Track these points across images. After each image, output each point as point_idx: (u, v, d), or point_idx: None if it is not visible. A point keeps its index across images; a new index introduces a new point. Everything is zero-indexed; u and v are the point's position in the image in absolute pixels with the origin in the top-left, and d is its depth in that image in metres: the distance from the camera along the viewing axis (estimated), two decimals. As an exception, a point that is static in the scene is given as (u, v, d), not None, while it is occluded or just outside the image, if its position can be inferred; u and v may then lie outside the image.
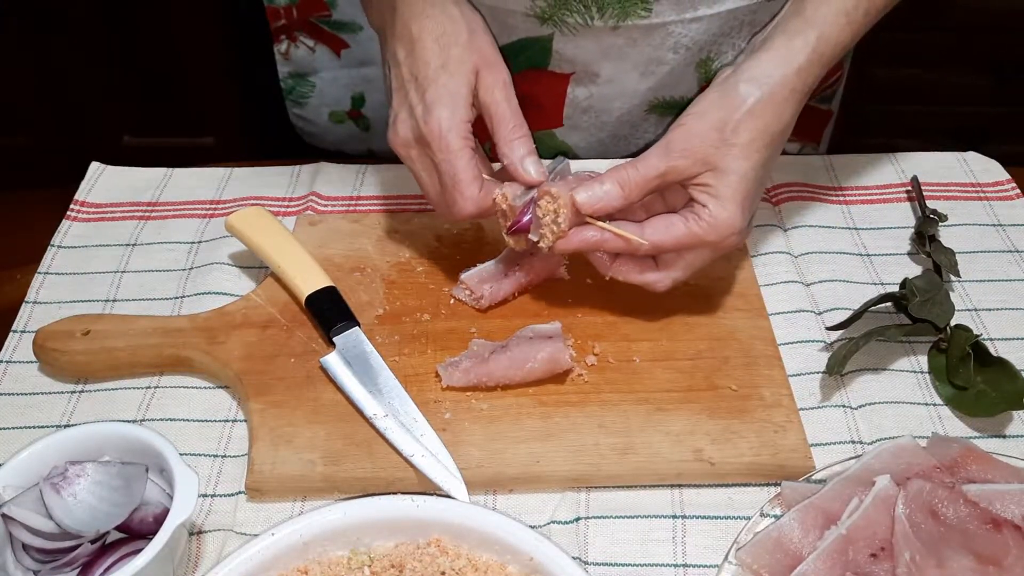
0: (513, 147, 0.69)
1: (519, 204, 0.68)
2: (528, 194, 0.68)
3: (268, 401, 0.68)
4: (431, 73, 0.68)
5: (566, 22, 0.82)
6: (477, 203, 0.68)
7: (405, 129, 0.70)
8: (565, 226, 0.66)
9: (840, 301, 0.77)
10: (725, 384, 0.68)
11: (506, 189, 0.68)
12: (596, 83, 0.88)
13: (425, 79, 0.68)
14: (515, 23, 0.84)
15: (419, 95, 0.68)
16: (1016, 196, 0.87)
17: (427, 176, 0.71)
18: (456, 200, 0.68)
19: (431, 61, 0.69)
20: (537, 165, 0.69)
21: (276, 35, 1.36)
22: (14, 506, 0.56)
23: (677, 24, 0.82)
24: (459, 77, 0.68)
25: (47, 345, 0.71)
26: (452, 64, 0.68)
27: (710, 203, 0.65)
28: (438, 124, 0.67)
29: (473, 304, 0.75)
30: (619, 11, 0.80)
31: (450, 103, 0.67)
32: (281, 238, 0.77)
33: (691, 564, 0.60)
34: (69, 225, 0.87)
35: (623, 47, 0.84)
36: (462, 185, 0.67)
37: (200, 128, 1.90)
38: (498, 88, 0.69)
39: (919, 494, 0.58)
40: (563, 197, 0.66)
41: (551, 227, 0.66)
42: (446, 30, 0.69)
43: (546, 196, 0.66)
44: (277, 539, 0.56)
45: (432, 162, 0.69)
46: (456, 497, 0.61)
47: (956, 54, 1.82)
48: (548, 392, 0.68)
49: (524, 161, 0.69)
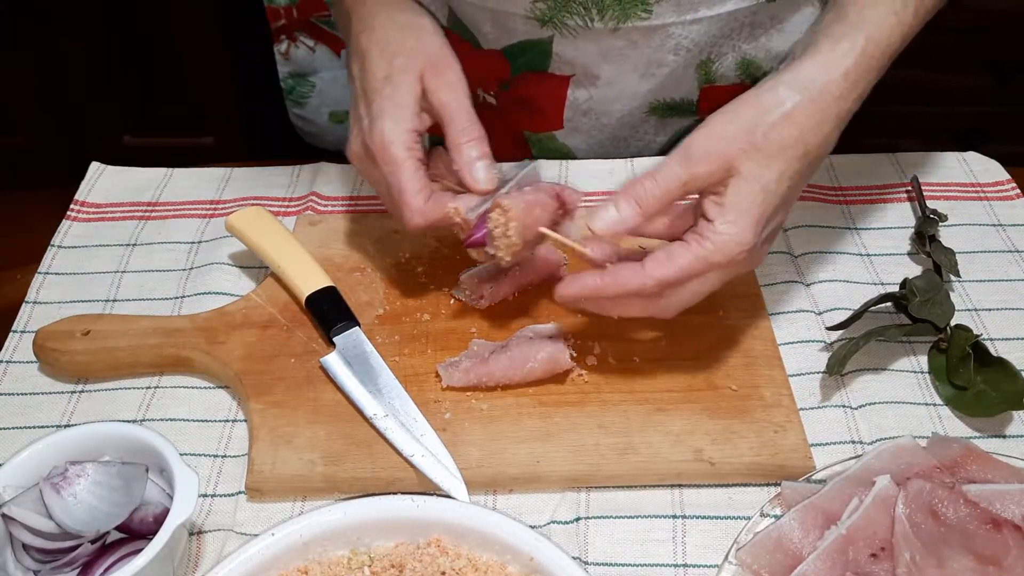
0: (462, 151, 0.67)
1: (472, 217, 0.66)
2: (483, 206, 0.66)
3: (268, 401, 0.68)
4: (377, 85, 0.67)
5: (566, 24, 0.82)
6: (424, 215, 0.66)
7: (356, 143, 0.69)
8: (517, 239, 0.64)
9: (840, 301, 0.77)
10: (725, 384, 0.68)
11: (459, 202, 0.66)
12: (596, 85, 0.88)
13: (372, 91, 0.68)
14: (515, 26, 0.84)
15: (366, 108, 0.68)
16: (1016, 196, 0.87)
17: (381, 189, 0.70)
18: (403, 213, 0.66)
19: (377, 73, 0.68)
20: (487, 171, 0.67)
21: (276, 35, 1.36)
22: (14, 506, 0.56)
23: (677, 26, 0.82)
24: (403, 87, 0.67)
25: (47, 345, 0.71)
26: (396, 74, 0.67)
27: (717, 217, 0.59)
28: (380, 136, 0.66)
29: (473, 304, 0.75)
30: (619, 13, 0.80)
31: (393, 114, 0.66)
32: (281, 238, 0.77)
33: (691, 564, 0.60)
34: (69, 225, 0.87)
35: (623, 49, 0.84)
36: (406, 196, 0.66)
37: (200, 128, 1.90)
38: (446, 90, 0.67)
39: (919, 494, 0.58)
40: (513, 210, 0.63)
41: (503, 240, 0.64)
42: (391, 39, 0.68)
43: (496, 209, 0.64)
44: (277, 539, 0.56)
45: (381, 176, 0.67)
46: (456, 497, 0.61)
47: (956, 54, 1.82)
48: (548, 392, 0.68)
49: (473, 166, 0.67)
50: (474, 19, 0.86)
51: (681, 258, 0.59)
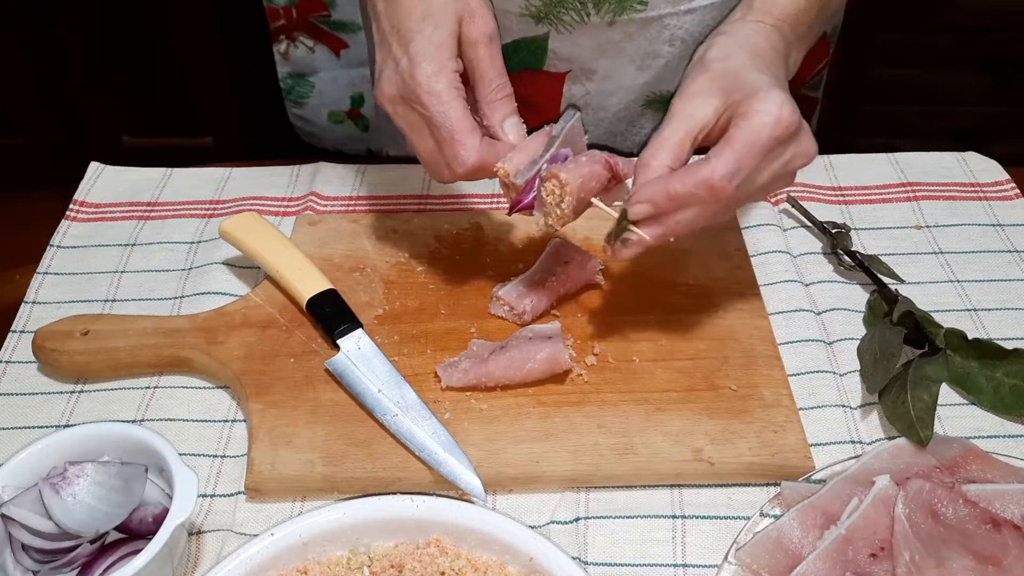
0: (494, 108, 0.66)
1: (521, 182, 0.64)
2: (531, 169, 0.64)
3: (268, 401, 0.68)
4: (414, 24, 0.64)
5: (562, 20, 0.82)
6: (480, 154, 0.64)
7: (391, 86, 0.66)
8: (569, 212, 0.63)
9: (839, 302, 0.77)
10: (725, 384, 0.68)
11: (508, 164, 0.64)
12: (592, 80, 0.88)
13: (408, 31, 0.64)
14: (510, 23, 0.84)
15: (403, 48, 0.65)
16: (1015, 196, 0.87)
17: (417, 134, 0.66)
18: (457, 152, 0.63)
19: (413, 11, 0.65)
20: (517, 128, 0.66)
21: (275, 35, 1.37)
22: (13, 506, 0.56)
23: (672, 16, 0.82)
24: (443, 28, 0.64)
25: (46, 345, 0.71)
26: (436, 13, 0.64)
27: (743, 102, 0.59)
28: (425, 77, 0.63)
29: (514, 320, 0.73)
30: (615, 6, 0.80)
31: (436, 55, 0.63)
32: (277, 242, 0.77)
33: (691, 564, 0.60)
34: (68, 225, 0.86)
35: (619, 42, 0.84)
36: (461, 135, 0.63)
37: (199, 128, 1.90)
38: (482, 43, 0.65)
39: (919, 494, 0.58)
40: (571, 184, 0.62)
41: (555, 210, 0.63)
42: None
43: (553, 179, 0.63)
44: (276, 539, 0.56)
45: (422, 118, 0.65)
46: (474, 493, 0.61)
47: (956, 54, 1.82)
48: (548, 392, 0.68)
49: (504, 123, 0.66)
50: None
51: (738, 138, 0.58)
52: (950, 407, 0.69)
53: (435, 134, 0.64)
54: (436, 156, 0.66)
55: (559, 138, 0.65)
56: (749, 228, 0.83)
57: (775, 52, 0.67)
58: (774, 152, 0.60)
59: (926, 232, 0.84)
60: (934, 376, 0.66)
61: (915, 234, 0.84)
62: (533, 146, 0.66)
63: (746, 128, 0.58)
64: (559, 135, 0.65)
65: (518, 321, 0.73)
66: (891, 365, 0.67)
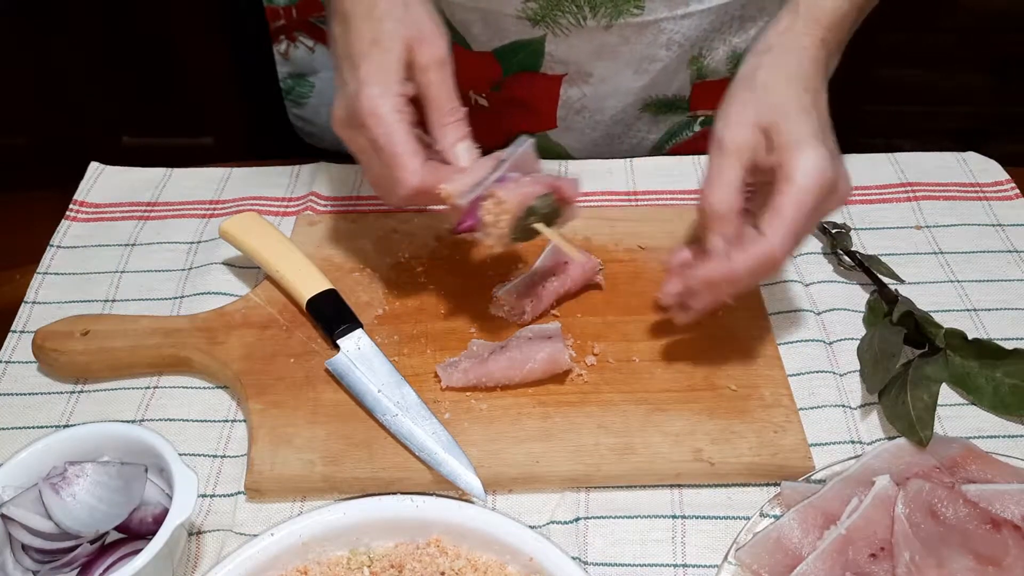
0: (445, 132, 0.66)
1: (464, 203, 0.64)
2: (475, 191, 0.64)
3: (267, 401, 0.68)
4: (364, 48, 0.65)
5: (558, 23, 0.82)
6: (420, 177, 0.63)
7: (340, 109, 0.67)
8: (508, 231, 0.64)
9: (839, 302, 0.77)
10: (725, 384, 0.68)
11: (451, 185, 0.64)
12: (589, 83, 0.88)
13: (358, 55, 0.65)
14: (507, 26, 0.84)
15: (352, 72, 0.65)
16: (1016, 196, 0.87)
17: (365, 157, 0.67)
18: (398, 176, 0.63)
19: (363, 36, 0.65)
20: (469, 152, 0.66)
21: (275, 35, 1.36)
22: (13, 506, 0.56)
23: (669, 20, 0.82)
24: (391, 52, 0.64)
25: (46, 345, 0.71)
26: (384, 39, 0.65)
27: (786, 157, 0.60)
28: (369, 100, 0.63)
29: (514, 320, 0.73)
30: (612, 9, 0.80)
31: (381, 79, 0.64)
32: (277, 242, 0.77)
33: (691, 564, 0.60)
34: (68, 225, 0.86)
35: (616, 46, 0.84)
36: (402, 159, 0.63)
37: (199, 128, 1.90)
38: (432, 69, 0.65)
39: (919, 494, 0.58)
40: (508, 202, 0.62)
41: (494, 230, 0.63)
42: (379, 4, 0.66)
43: (491, 199, 0.63)
44: (276, 539, 0.56)
45: (369, 141, 0.65)
46: (474, 493, 0.61)
47: (956, 54, 1.82)
48: (548, 392, 0.68)
49: (455, 147, 0.66)
50: (464, 21, 0.86)
51: (785, 204, 0.60)
52: (950, 407, 0.69)
53: (380, 157, 0.65)
54: (383, 179, 0.66)
55: (507, 162, 0.65)
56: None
57: (819, 72, 0.65)
58: (819, 203, 0.61)
59: (926, 232, 0.84)
60: (934, 376, 0.67)
61: (915, 234, 0.84)
62: (480, 170, 0.65)
63: (792, 193, 0.59)
64: (508, 159, 0.65)
65: (518, 321, 0.73)
66: (891, 365, 0.67)
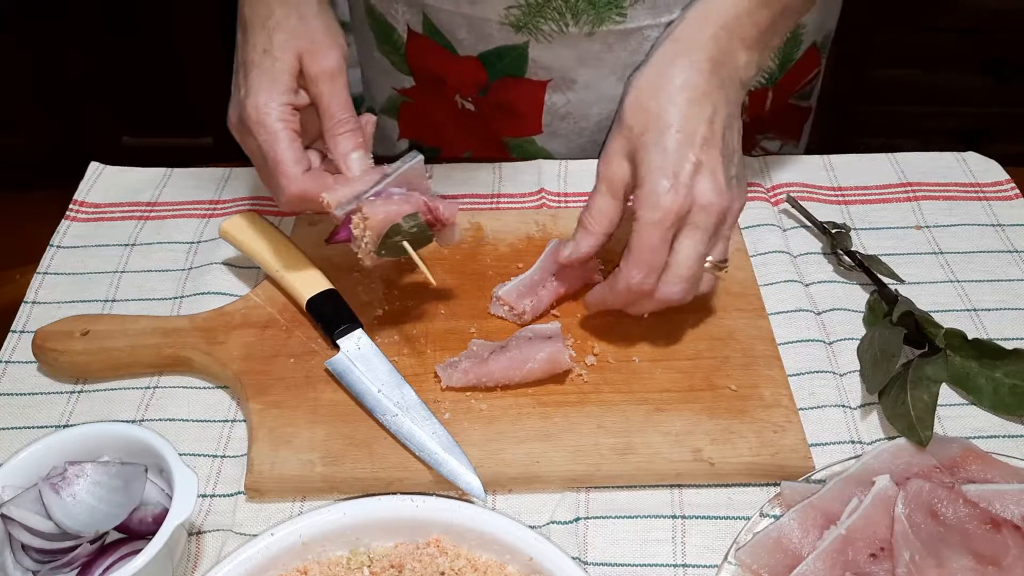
0: (337, 142, 0.68)
1: (341, 214, 0.65)
2: (353, 203, 0.65)
3: (267, 401, 0.68)
4: (256, 57, 0.67)
5: (541, 30, 0.82)
6: (301, 185, 0.66)
7: (233, 114, 0.69)
8: (371, 247, 0.65)
9: (839, 301, 0.77)
10: (725, 384, 0.68)
11: (330, 196, 0.65)
12: (573, 89, 0.88)
13: (250, 63, 0.68)
14: (491, 31, 0.84)
15: (244, 79, 0.68)
16: (1015, 196, 0.87)
17: (256, 160, 0.69)
18: (279, 182, 0.66)
19: (257, 44, 0.68)
20: (360, 161, 0.68)
21: (275, 35, 1.36)
22: (13, 506, 0.56)
23: (652, 28, 0.82)
24: (280, 62, 0.67)
25: (46, 345, 0.71)
26: (275, 48, 0.67)
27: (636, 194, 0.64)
28: (255, 108, 0.66)
29: (514, 320, 0.73)
30: (594, 17, 0.80)
31: (268, 88, 0.66)
32: (276, 242, 0.77)
33: (691, 564, 0.60)
34: (68, 225, 0.86)
35: (599, 53, 0.84)
36: (283, 166, 0.66)
37: (199, 128, 1.90)
38: (322, 80, 0.67)
39: (919, 494, 0.58)
40: (372, 219, 0.64)
41: (362, 243, 0.65)
42: (274, 13, 0.68)
43: (358, 213, 0.64)
44: (276, 539, 0.56)
45: (256, 146, 0.67)
46: (474, 493, 0.61)
47: (956, 54, 1.82)
48: (547, 392, 0.68)
49: (348, 157, 0.68)
50: (449, 25, 0.86)
51: (632, 241, 0.64)
52: (950, 407, 0.69)
53: (265, 163, 0.67)
54: (269, 183, 0.68)
55: (391, 177, 0.66)
56: (749, 228, 0.83)
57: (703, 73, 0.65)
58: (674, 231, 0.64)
59: (926, 232, 0.84)
60: (934, 376, 0.66)
61: (915, 234, 0.84)
62: (362, 182, 0.66)
63: (638, 230, 0.63)
64: (392, 174, 0.66)
65: (518, 321, 0.73)
66: (891, 365, 0.67)
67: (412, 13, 0.88)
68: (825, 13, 0.94)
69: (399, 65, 0.94)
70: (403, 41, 0.92)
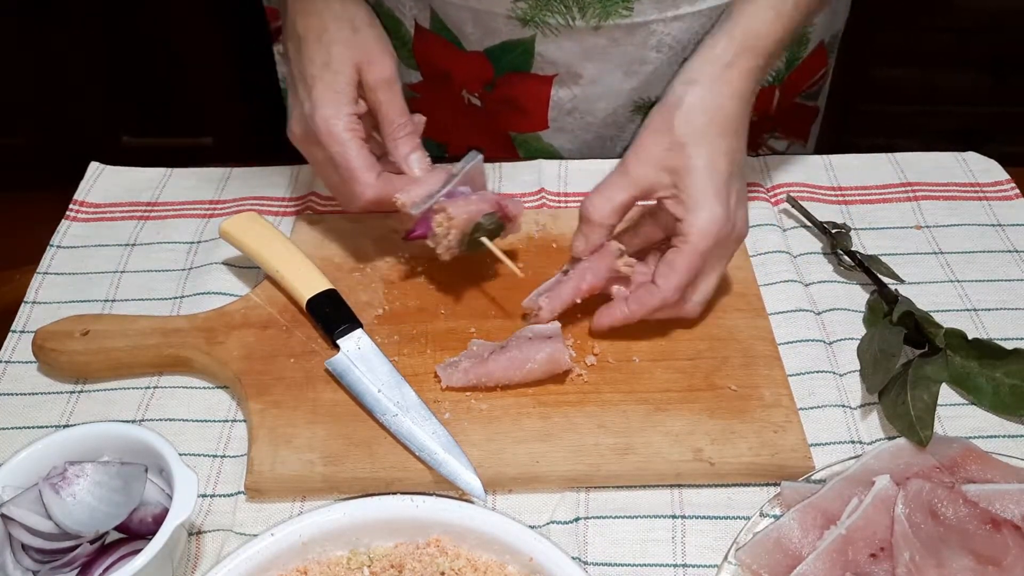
0: (397, 145, 0.73)
1: (416, 213, 0.70)
2: (427, 203, 0.70)
3: (267, 401, 0.68)
4: (316, 71, 0.71)
5: (548, 23, 0.82)
6: (376, 190, 0.70)
7: (298, 127, 0.73)
8: (455, 244, 0.70)
9: (839, 301, 0.77)
10: (725, 384, 0.68)
11: (405, 196, 0.70)
12: (580, 84, 0.88)
13: (311, 77, 0.71)
14: (497, 26, 0.84)
15: (307, 93, 0.71)
16: (1016, 196, 0.87)
17: (323, 170, 0.73)
18: (354, 189, 0.70)
19: (315, 59, 0.71)
20: (420, 162, 0.73)
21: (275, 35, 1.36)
22: (13, 506, 0.56)
23: (659, 23, 0.82)
24: (341, 75, 0.70)
25: (46, 345, 0.71)
26: (335, 61, 0.71)
27: (685, 213, 0.66)
28: (324, 121, 0.69)
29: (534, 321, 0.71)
30: (600, 11, 0.81)
31: (334, 100, 0.70)
32: (277, 242, 0.77)
33: (691, 564, 0.60)
34: (68, 225, 0.86)
35: (606, 47, 0.84)
36: (357, 173, 0.70)
37: (199, 128, 1.90)
38: (380, 88, 0.72)
39: (919, 494, 0.58)
40: (457, 219, 0.68)
41: (443, 241, 0.70)
42: (328, 28, 0.71)
43: (442, 213, 0.69)
44: (276, 539, 0.56)
45: (326, 157, 0.71)
46: (474, 493, 0.61)
47: (956, 54, 1.82)
48: (547, 392, 0.68)
49: (408, 159, 0.72)
50: (457, 20, 0.87)
51: (678, 261, 0.66)
52: (950, 407, 0.69)
53: (337, 172, 0.71)
54: (340, 189, 0.73)
55: (458, 176, 0.72)
56: (749, 228, 0.83)
57: (744, 109, 0.69)
58: (714, 257, 0.68)
59: (926, 232, 0.84)
60: (934, 376, 0.66)
61: (915, 234, 0.84)
62: (432, 181, 0.72)
63: (685, 251, 0.66)
64: (458, 174, 0.72)
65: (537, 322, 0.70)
66: (891, 365, 0.67)
67: (419, 8, 0.89)
68: (834, 12, 0.94)
69: (406, 60, 0.94)
70: (410, 36, 0.92)
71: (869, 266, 0.78)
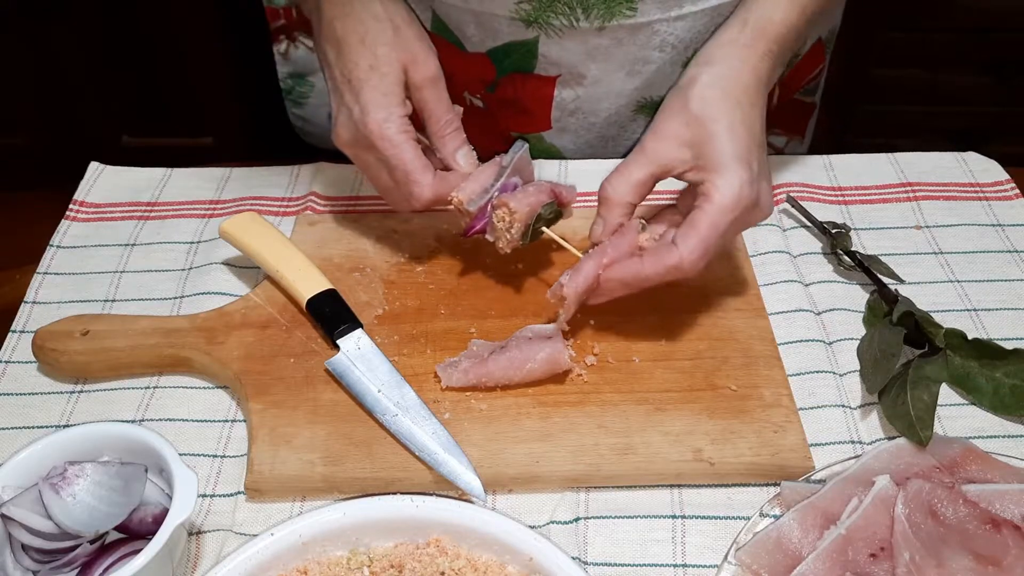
0: (445, 142, 0.73)
1: (474, 209, 0.71)
2: (483, 198, 0.71)
3: (267, 401, 0.68)
4: (362, 74, 0.70)
5: (551, 24, 0.82)
6: (433, 190, 0.70)
7: (347, 132, 0.72)
8: (518, 236, 0.70)
9: (839, 301, 0.77)
10: (725, 384, 0.68)
11: (461, 193, 0.71)
12: (583, 84, 0.88)
13: (358, 80, 0.70)
14: (500, 27, 0.84)
15: (354, 97, 0.70)
16: (1015, 196, 0.87)
17: (375, 174, 0.73)
18: (412, 190, 0.70)
19: (360, 62, 0.70)
20: (468, 157, 0.73)
21: (275, 35, 1.36)
22: (13, 506, 0.56)
23: (662, 22, 0.82)
24: (389, 76, 0.70)
25: (46, 345, 0.71)
26: (381, 63, 0.70)
27: (709, 177, 0.64)
28: (377, 124, 0.69)
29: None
30: (604, 11, 0.81)
31: (384, 103, 0.70)
32: (276, 242, 0.77)
33: (690, 564, 0.60)
34: (68, 225, 0.86)
35: (609, 47, 0.84)
36: (415, 175, 0.69)
37: (199, 128, 1.90)
38: (426, 87, 0.72)
39: (919, 494, 0.58)
40: (519, 212, 0.68)
41: (505, 235, 0.70)
42: (369, 29, 0.71)
43: (503, 208, 0.69)
44: (276, 539, 0.56)
45: (378, 160, 0.71)
46: (474, 493, 0.61)
47: (956, 54, 1.82)
48: (547, 392, 0.68)
49: (456, 155, 0.73)
50: (458, 21, 0.87)
51: (701, 220, 0.64)
52: (950, 407, 0.69)
53: (392, 174, 0.71)
54: (394, 192, 0.72)
55: (509, 168, 0.72)
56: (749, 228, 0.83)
57: (759, 85, 0.69)
58: (736, 223, 0.66)
59: (926, 232, 0.84)
60: (934, 376, 0.67)
61: (915, 234, 0.84)
62: (484, 176, 0.72)
63: (709, 212, 0.64)
64: (509, 165, 0.72)
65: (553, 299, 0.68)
66: (891, 365, 0.67)
67: (421, 10, 0.89)
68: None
69: None
70: None
71: (869, 266, 0.78)
